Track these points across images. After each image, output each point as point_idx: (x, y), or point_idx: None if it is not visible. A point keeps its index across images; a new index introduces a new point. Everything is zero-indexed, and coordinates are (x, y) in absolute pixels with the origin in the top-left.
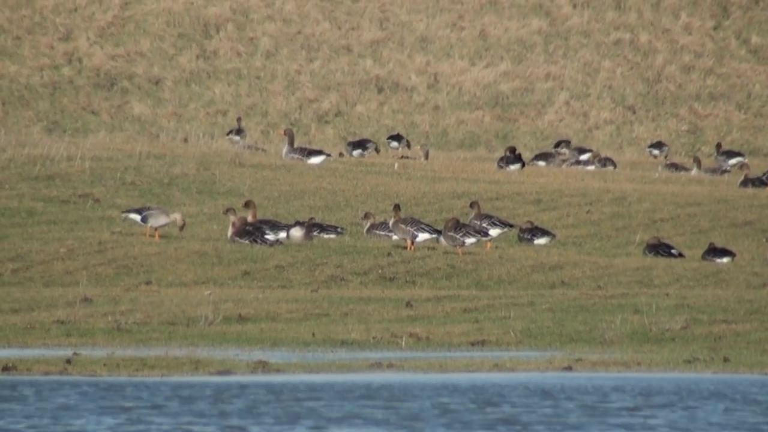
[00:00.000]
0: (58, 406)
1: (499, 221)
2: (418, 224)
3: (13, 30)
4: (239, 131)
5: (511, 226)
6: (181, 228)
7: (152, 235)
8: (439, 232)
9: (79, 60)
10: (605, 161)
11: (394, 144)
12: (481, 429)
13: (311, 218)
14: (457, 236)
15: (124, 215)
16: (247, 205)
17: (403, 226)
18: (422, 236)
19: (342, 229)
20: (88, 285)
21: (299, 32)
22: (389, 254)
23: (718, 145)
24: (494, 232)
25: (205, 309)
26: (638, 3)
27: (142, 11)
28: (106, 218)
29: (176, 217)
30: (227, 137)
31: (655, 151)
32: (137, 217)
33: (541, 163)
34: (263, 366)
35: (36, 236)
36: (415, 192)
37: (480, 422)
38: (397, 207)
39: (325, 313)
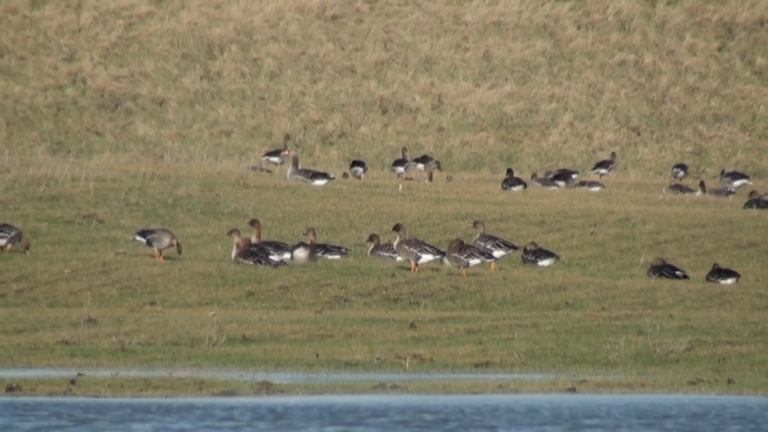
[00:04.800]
0: None
1: (503, 243)
2: (421, 245)
3: (17, 50)
4: (277, 152)
5: (515, 248)
6: (179, 251)
7: (164, 256)
8: (442, 254)
9: (83, 81)
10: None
11: (420, 166)
12: None
13: (310, 229)
14: (462, 257)
15: (131, 238)
16: (253, 223)
17: (406, 247)
18: (426, 257)
19: (346, 249)
20: (92, 305)
21: (303, 53)
22: (393, 275)
23: (723, 173)
24: (498, 253)
25: (209, 330)
26: (643, 24)
27: (146, 32)
28: (111, 239)
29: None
30: (264, 158)
31: (681, 173)
32: (143, 240)
33: (561, 183)
34: (267, 387)
35: (40, 257)
36: (420, 213)
37: None
38: (399, 227)
39: (329, 334)
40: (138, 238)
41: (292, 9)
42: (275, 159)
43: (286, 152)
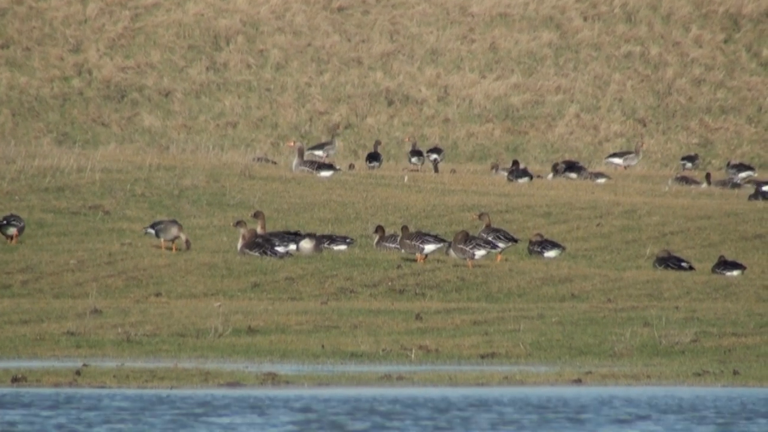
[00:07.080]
0: None
1: (505, 236)
2: (422, 236)
3: (23, 41)
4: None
5: (515, 240)
6: (188, 246)
7: (169, 248)
8: (444, 241)
9: (89, 72)
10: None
11: (433, 156)
12: None
13: (314, 233)
14: (467, 249)
15: (143, 231)
16: (256, 215)
17: (408, 241)
18: (428, 247)
19: (351, 239)
20: (98, 296)
21: (309, 44)
22: (399, 266)
23: (728, 164)
24: (501, 245)
25: (215, 321)
26: (649, 16)
27: (153, 23)
28: (116, 230)
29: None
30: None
31: (689, 164)
32: (152, 232)
33: (573, 175)
34: (272, 378)
35: (46, 248)
36: (425, 204)
37: None
38: (404, 228)
39: (335, 326)
40: (149, 230)
41: (299, 0)
42: (320, 153)
43: (291, 143)
